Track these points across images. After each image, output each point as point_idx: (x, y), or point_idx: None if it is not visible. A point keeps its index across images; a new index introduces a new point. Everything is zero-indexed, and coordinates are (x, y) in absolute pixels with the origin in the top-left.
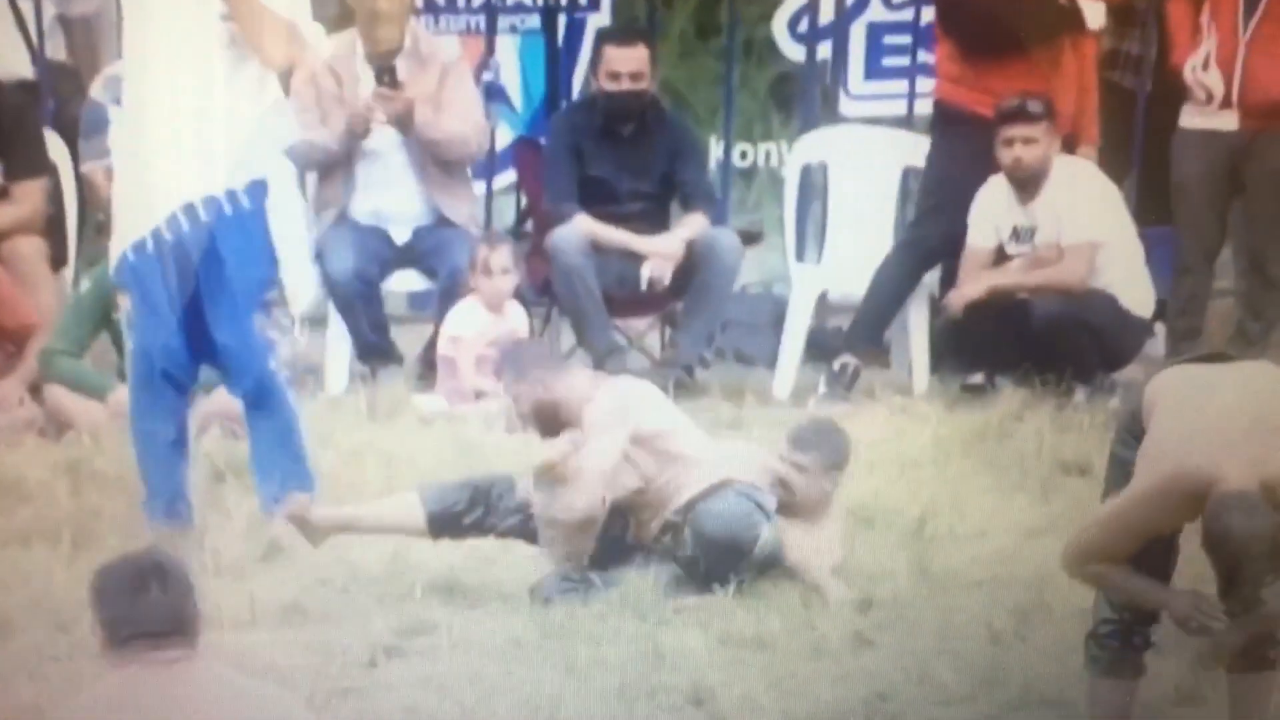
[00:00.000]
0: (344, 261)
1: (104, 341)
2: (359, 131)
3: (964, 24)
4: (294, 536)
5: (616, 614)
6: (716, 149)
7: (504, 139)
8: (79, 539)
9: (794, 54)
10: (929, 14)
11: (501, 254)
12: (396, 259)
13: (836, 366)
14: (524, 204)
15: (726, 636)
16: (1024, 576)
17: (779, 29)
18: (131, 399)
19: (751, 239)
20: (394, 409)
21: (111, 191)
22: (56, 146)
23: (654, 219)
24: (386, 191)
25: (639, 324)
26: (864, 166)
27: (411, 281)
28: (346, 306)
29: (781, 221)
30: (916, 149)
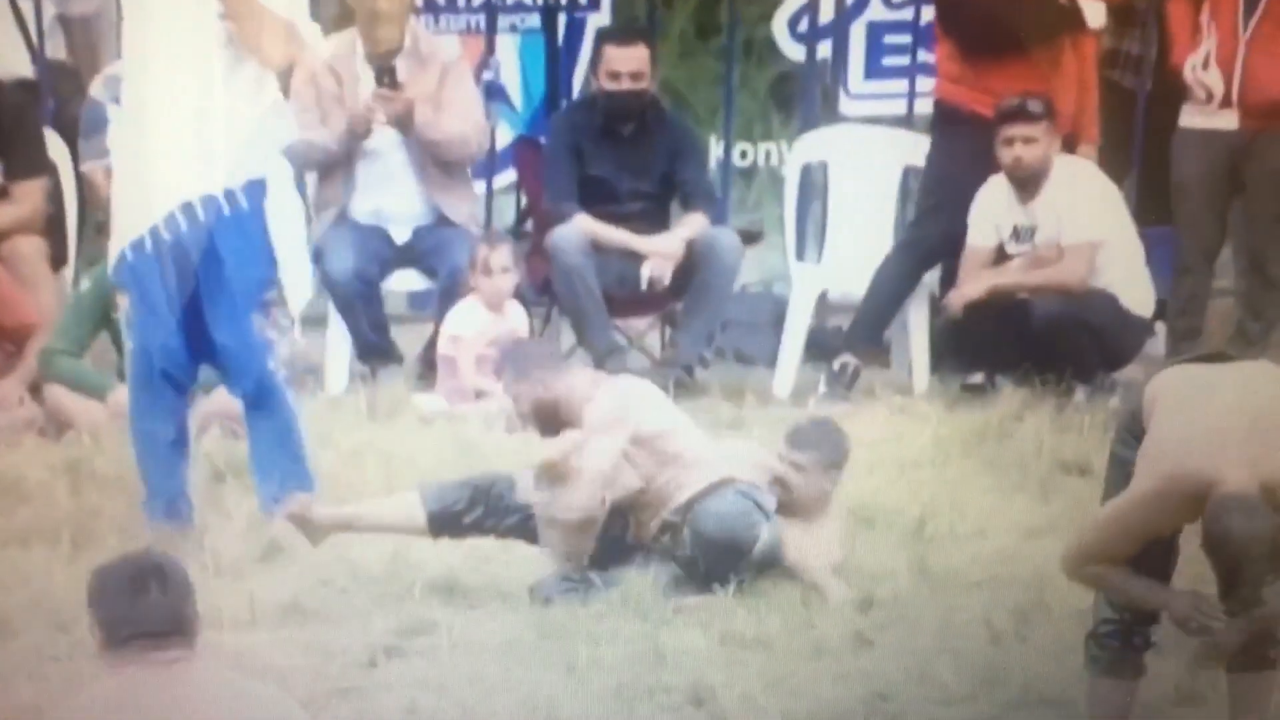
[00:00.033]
0: (344, 261)
1: (104, 341)
2: (360, 132)
3: (964, 23)
4: (294, 536)
5: (616, 614)
6: (716, 148)
7: (504, 138)
8: (79, 539)
9: (794, 53)
10: (929, 13)
11: (501, 253)
12: (396, 258)
13: (836, 366)
14: (524, 203)
15: (726, 636)
16: (1024, 576)
17: (779, 28)
18: (131, 399)
19: (751, 238)
20: (394, 409)
21: (110, 191)
22: (56, 146)
23: (654, 218)
24: (386, 191)
25: (639, 324)
26: (864, 166)
27: (411, 281)
28: (346, 306)
29: (781, 221)
30: (916, 148)
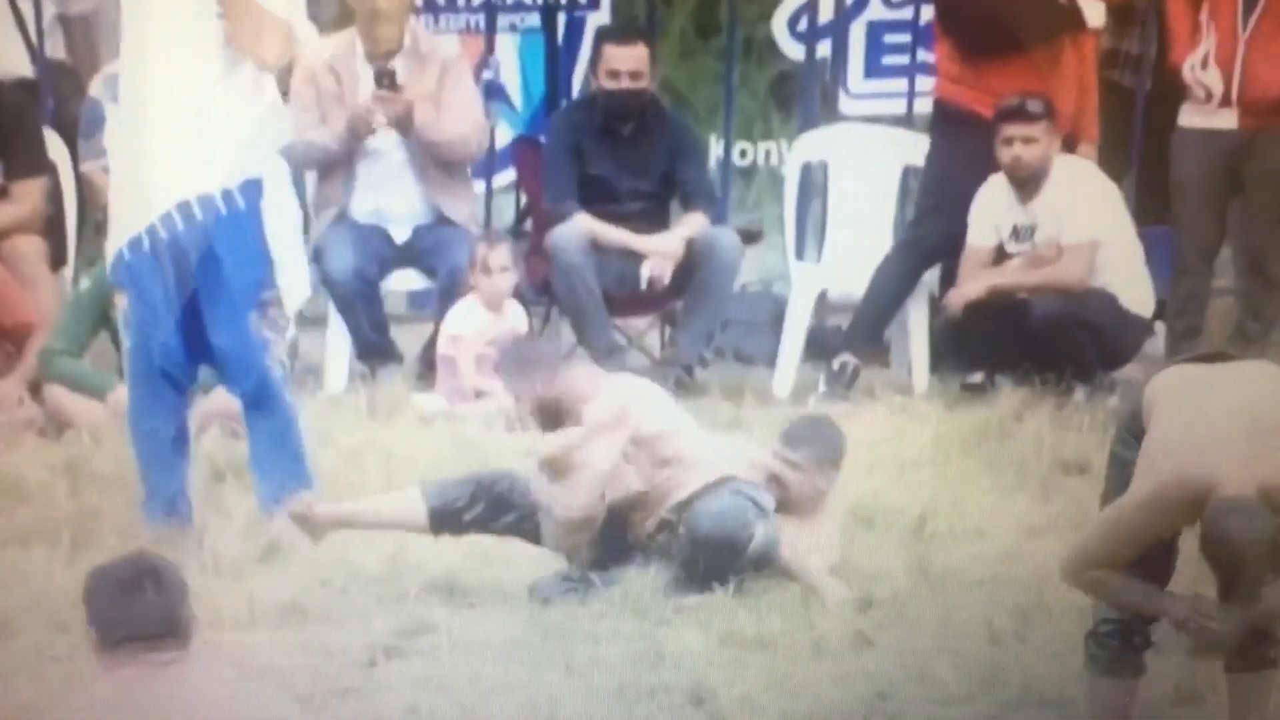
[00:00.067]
0: (344, 260)
1: (103, 341)
2: (361, 133)
3: (964, 23)
4: (294, 535)
5: (616, 614)
6: (716, 148)
7: (504, 138)
8: (78, 539)
9: (794, 53)
10: (928, 13)
11: (500, 252)
12: (396, 258)
13: (836, 365)
14: (524, 203)
15: (726, 636)
16: (1024, 576)
17: (779, 28)
18: (130, 398)
19: (751, 238)
20: (394, 408)
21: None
22: (56, 146)
23: (654, 218)
24: (386, 190)
25: (639, 323)
26: (864, 165)
27: (411, 280)
28: (346, 306)
29: (781, 220)
30: (916, 148)
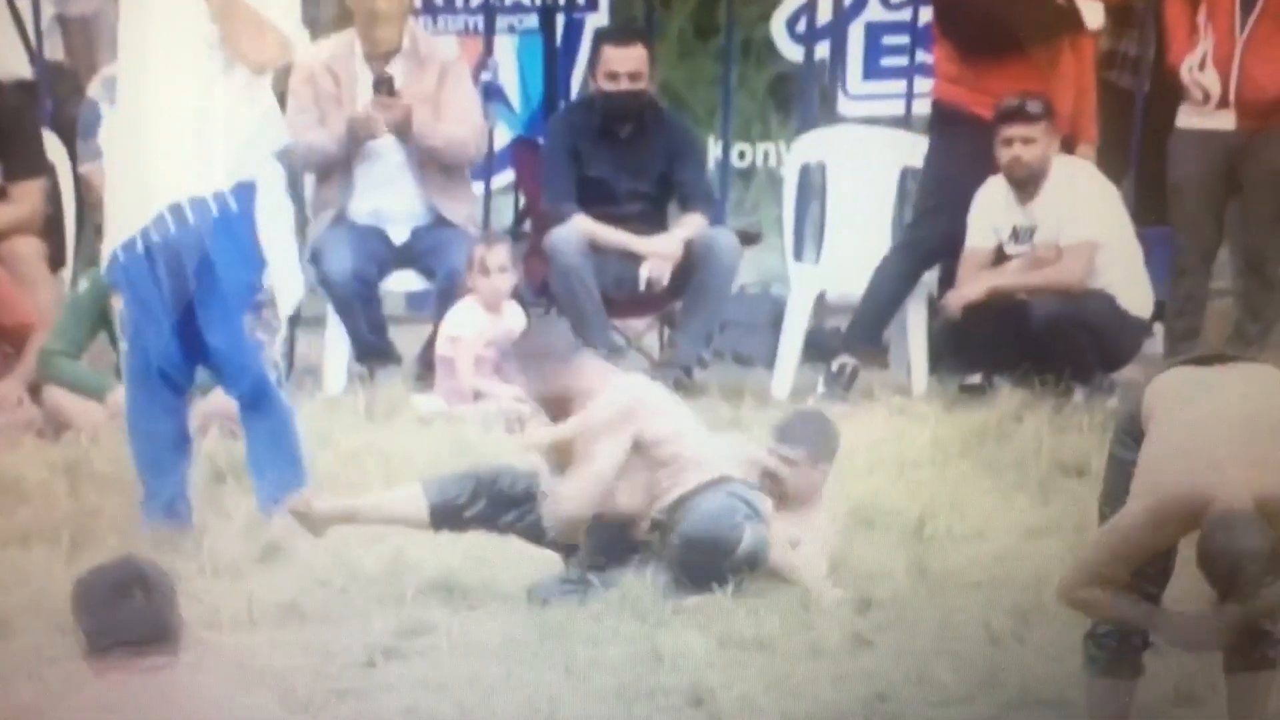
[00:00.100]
0: (342, 262)
1: (102, 342)
2: (361, 138)
3: (962, 24)
4: (294, 534)
5: (615, 615)
6: (715, 149)
7: (502, 139)
8: (78, 539)
9: (792, 54)
10: (927, 14)
11: (498, 253)
12: (395, 259)
13: (835, 367)
14: (522, 204)
15: (725, 637)
16: (1023, 577)
17: (777, 29)
18: (128, 399)
19: (750, 239)
20: (392, 409)
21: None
22: (54, 147)
23: (652, 219)
24: (385, 192)
25: (637, 324)
26: (862, 167)
27: (410, 282)
28: (345, 307)
29: (780, 222)
30: (915, 149)
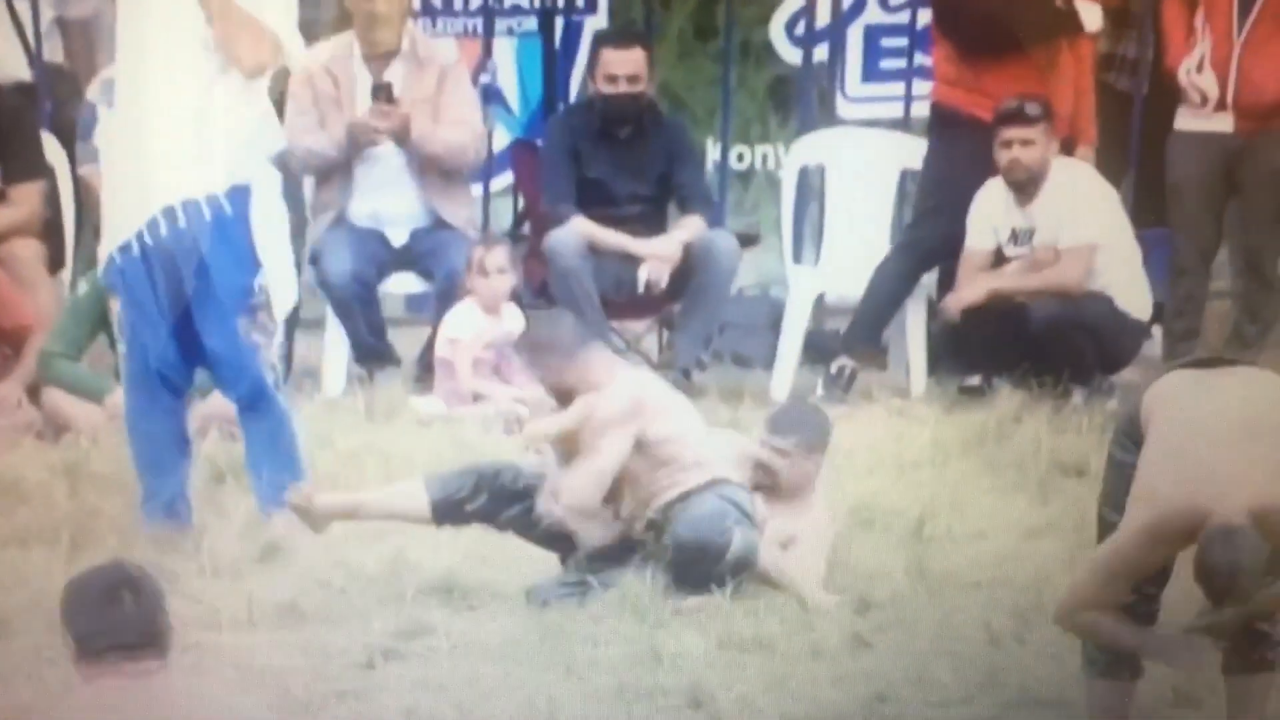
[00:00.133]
0: (341, 264)
1: (101, 344)
2: (360, 142)
3: (961, 26)
4: (294, 533)
5: (614, 615)
6: (714, 151)
7: (501, 141)
8: (77, 540)
9: (791, 56)
10: (926, 16)
11: (497, 254)
12: (394, 261)
13: (834, 369)
14: (521, 206)
15: (725, 638)
16: (1022, 578)
17: (776, 31)
18: (127, 400)
19: (749, 241)
20: (392, 411)
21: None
22: (54, 149)
23: (651, 221)
24: (384, 194)
25: (636, 326)
26: (861, 169)
27: (409, 284)
28: (344, 309)
29: (779, 224)
30: (914, 151)
